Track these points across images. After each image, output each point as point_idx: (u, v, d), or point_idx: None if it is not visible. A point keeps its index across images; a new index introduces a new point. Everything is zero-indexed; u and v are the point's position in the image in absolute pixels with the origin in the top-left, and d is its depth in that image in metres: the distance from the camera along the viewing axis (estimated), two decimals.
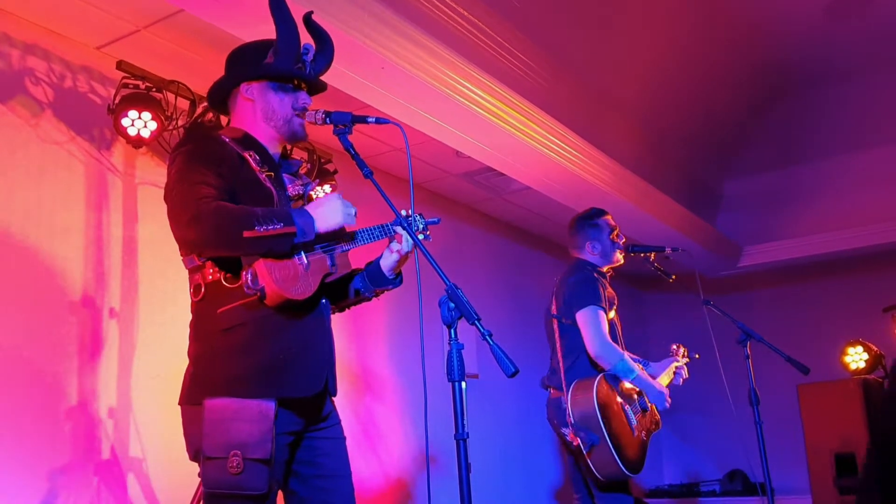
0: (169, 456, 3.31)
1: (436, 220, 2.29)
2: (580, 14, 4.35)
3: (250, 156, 1.96)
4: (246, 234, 1.76)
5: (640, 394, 3.38)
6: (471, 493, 1.69)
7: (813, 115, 6.25)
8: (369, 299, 2.19)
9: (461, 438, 1.70)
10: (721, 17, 4.92)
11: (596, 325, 3.26)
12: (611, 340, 3.28)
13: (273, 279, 1.81)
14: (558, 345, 3.37)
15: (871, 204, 6.28)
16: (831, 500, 4.96)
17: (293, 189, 2.05)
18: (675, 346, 3.76)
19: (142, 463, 3.26)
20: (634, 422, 3.29)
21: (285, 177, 2.06)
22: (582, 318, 3.29)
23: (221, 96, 2.10)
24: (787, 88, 6.07)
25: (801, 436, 5.22)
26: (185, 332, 1.99)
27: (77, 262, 3.20)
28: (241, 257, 1.85)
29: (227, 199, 1.86)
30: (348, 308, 2.24)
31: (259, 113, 2.03)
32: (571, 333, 3.35)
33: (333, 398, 2.09)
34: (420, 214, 2.27)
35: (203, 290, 1.90)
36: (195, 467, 1.90)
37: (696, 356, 3.76)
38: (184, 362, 1.97)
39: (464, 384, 1.74)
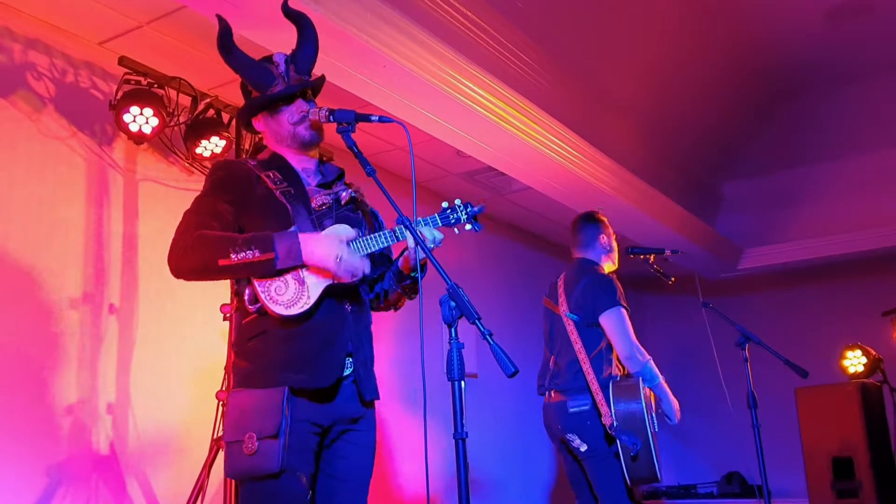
0: (167, 452, 3.31)
1: (480, 207, 2.11)
2: (582, 15, 4.35)
3: (268, 175, 2.03)
4: (221, 262, 1.85)
5: (657, 401, 3.29)
6: (469, 492, 1.68)
7: (813, 119, 6.25)
8: (409, 296, 2.19)
9: (460, 438, 1.70)
10: (722, 19, 4.92)
11: (624, 326, 3.19)
12: (638, 342, 3.21)
13: (267, 298, 1.88)
14: (576, 346, 3.23)
15: (871, 208, 6.28)
16: (828, 503, 4.96)
17: (318, 200, 2.06)
18: None
19: (140, 459, 3.26)
20: (656, 428, 3.20)
21: (311, 189, 2.08)
22: (609, 318, 3.20)
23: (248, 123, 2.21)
24: (788, 91, 6.07)
25: (798, 439, 5.22)
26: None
27: (77, 258, 3.20)
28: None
29: (230, 224, 1.95)
30: (394, 306, 2.25)
31: (272, 138, 2.14)
32: (591, 334, 3.25)
33: (372, 407, 2.13)
34: (469, 203, 2.08)
35: (236, 301, 2.05)
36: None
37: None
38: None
39: (463, 383, 1.74)
